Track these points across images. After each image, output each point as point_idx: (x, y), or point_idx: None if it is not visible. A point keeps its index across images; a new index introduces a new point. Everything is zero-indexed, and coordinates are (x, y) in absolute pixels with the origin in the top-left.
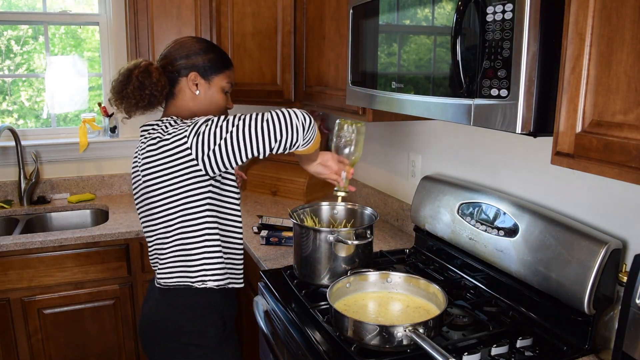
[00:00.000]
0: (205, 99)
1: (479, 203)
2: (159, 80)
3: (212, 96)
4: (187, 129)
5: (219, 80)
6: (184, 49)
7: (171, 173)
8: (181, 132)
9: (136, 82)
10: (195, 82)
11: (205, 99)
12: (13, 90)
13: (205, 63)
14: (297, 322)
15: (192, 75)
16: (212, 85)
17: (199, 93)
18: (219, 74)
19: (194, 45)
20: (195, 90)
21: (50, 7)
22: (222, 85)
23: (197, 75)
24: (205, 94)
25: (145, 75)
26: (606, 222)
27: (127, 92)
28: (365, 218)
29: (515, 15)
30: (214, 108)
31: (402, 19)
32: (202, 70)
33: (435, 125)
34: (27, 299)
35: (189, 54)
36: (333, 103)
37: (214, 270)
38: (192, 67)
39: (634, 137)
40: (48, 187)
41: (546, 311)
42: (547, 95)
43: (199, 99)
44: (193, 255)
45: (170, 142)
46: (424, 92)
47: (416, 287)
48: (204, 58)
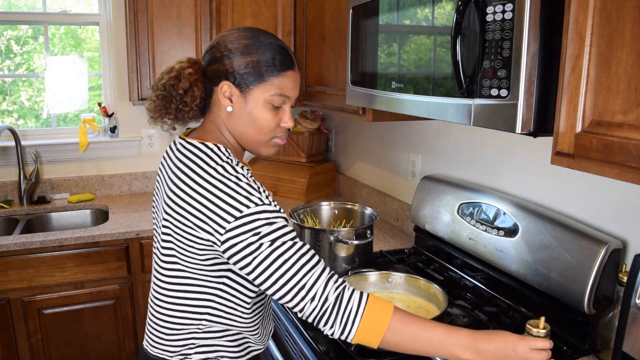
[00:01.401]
0: (242, 118)
1: (479, 203)
2: (187, 91)
3: (249, 114)
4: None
5: (261, 92)
6: (221, 47)
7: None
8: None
9: (161, 92)
10: (227, 94)
11: (242, 118)
12: (13, 90)
13: (241, 68)
14: (297, 322)
15: (223, 85)
16: (249, 98)
17: (232, 110)
18: (261, 82)
19: (235, 42)
20: (228, 104)
21: (50, 7)
22: (266, 98)
23: (231, 85)
24: (240, 111)
25: (174, 82)
26: (606, 222)
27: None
28: (365, 218)
29: (515, 15)
30: (255, 130)
31: (402, 19)
32: (237, 78)
33: (435, 125)
34: (27, 299)
35: (223, 54)
36: (333, 103)
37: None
38: (224, 74)
39: (634, 137)
40: (48, 187)
41: (546, 311)
42: (547, 95)
43: (233, 117)
44: (178, 323)
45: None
46: (424, 92)
47: (416, 287)
48: (241, 61)
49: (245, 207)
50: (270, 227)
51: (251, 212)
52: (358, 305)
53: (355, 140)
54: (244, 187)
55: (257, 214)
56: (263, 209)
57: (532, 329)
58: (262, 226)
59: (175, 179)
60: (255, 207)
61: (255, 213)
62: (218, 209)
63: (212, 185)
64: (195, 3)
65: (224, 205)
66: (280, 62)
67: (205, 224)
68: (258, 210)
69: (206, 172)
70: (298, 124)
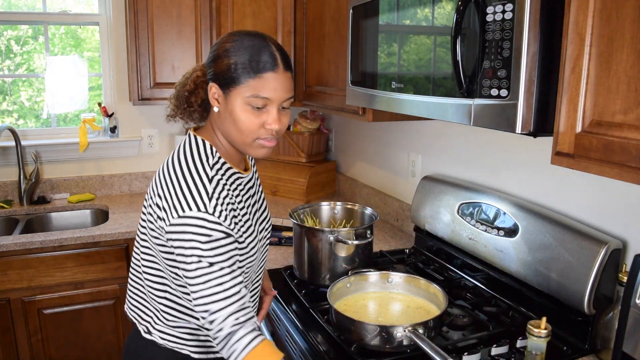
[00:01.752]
0: (225, 119)
1: (479, 203)
2: (193, 91)
3: (230, 115)
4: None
5: (238, 94)
6: (214, 49)
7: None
8: (166, 212)
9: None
10: (215, 95)
11: (226, 119)
12: (13, 90)
13: (222, 70)
14: (297, 322)
15: (211, 87)
16: (229, 100)
17: (218, 110)
18: (238, 84)
19: (222, 44)
20: (215, 105)
21: (50, 7)
22: (243, 99)
23: (217, 87)
24: (224, 112)
25: (185, 83)
26: (606, 222)
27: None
28: (365, 218)
29: (515, 15)
30: (238, 131)
31: (402, 19)
32: (220, 79)
33: (435, 125)
34: (27, 299)
35: (214, 57)
36: (333, 103)
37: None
38: (212, 76)
39: (634, 137)
40: (48, 187)
41: (546, 311)
42: (547, 95)
43: (220, 118)
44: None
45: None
46: (424, 92)
47: (416, 287)
48: (222, 63)
49: (188, 209)
50: (203, 238)
51: (191, 215)
52: (243, 348)
53: (355, 140)
54: (198, 188)
55: (195, 219)
56: (203, 217)
57: (533, 330)
58: (196, 234)
59: (164, 164)
60: (196, 211)
61: (194, 218)
62: (170, 201)
63: (177, 176)
64: (195, 3)
65: (174, 200)
66: (257, 63)
67: (161, 212)
68: (198, 216)
69: (179, 163)
70: (298, 124)
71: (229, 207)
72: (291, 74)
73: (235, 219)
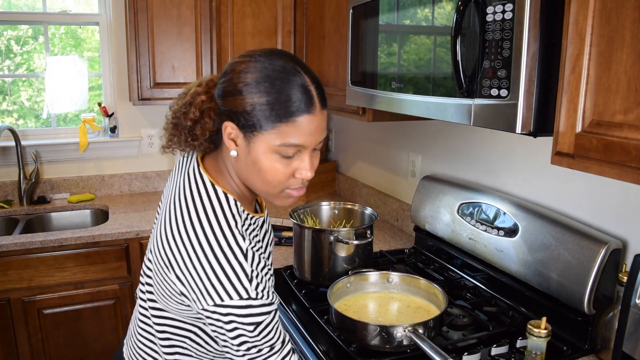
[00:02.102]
0: (247, 166)
1: (479, 203)
2: (198, 121)
3: (254, 163)
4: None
5: (265, 141)
6: (232, 76)
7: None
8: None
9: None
10: (231, 136)
11: (247, 166)
12: (13, 90)
13: (245, 109)
14: (297, 322)
15: (227, 127)
16: (252, 146)
17: (237, 155)
18: (265, 129)
19: (245, 73)
20: (233, 148)
21: (50, 7)
22: (271, 148)
23: (234, 127)
24: (245, 158)
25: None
26: (606, 222)
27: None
28: (365, 218)
29: (515, 15)
30: (262, 182)
31: (402, 19)
32: (241, 120)
33: (435, 125)
34: (27, 299)
35: (230, 87)
36: (333, 103)
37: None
38: (228, 113)
39: (634, 137)
40: (48, 187)
41: (546, 311)
42: (547, 95)
43: (239, 163)
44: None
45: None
46: (424, 92)
47: (416, 287)
48: (246, 101)
49: (228, 297)
50: (250, 327)
51: (232, 304)
52: None
53: (355, 140)
54: (234, 268)
55: (238, 309)
56: (248, 304)
57: (533, 330)
58: (241, 324)
59: (176, 214)
60: (238, 300)
61: (237, 307)
62: (201, 285)
63: (204, 252)
64: (195, 3)
65: (207, 284)
66: (288, 104)
67: (185, 290)
68: (241, 304)
69: (203, 230)
70: None
71: (265, 274)
72: (327, 110)
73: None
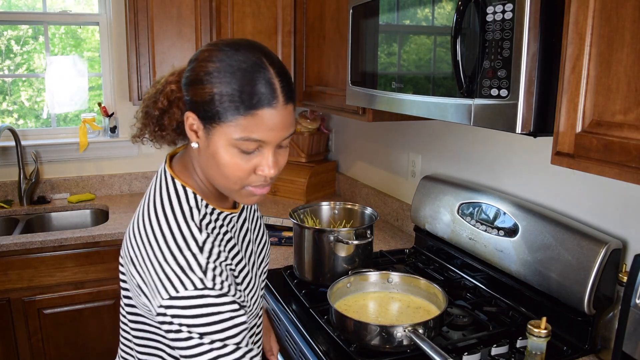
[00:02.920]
0: (206, 159)
1: (479, 203)
2: (167, 110)
3: (212, 157)
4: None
5: (223, 134)
6: (195, 65)
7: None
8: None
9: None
10: (193, 127)
11: (207, 159)
12: (13, 90)
13: (204, 99)
14: (297, 322)
15: (188, 117)
16: (211, 138)
17: (197, 147)
18: (223, 121)
19: (205, 62)
20: (194, 139)
21: (50, 7)
22: (230, 140)
23: (196, 118)
24: (205, 151)
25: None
26: (606, 222)
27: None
28: (365, 218)
29: (515, 15)
30: (222, 177)
31: (402, 19)
32: (200, 110)
33: (435, 125)
34: (27, 299)
35: (191, 77)
36: (333, 103)
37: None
38: (189, 103)
39: (634, 137)
40: (48, 187)
41: (546, 311)
42: (547, 95)
43: (200, 155)
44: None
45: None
46: (424, 92)
47: (416, 287)
48: (207, 90)
49: (182, 288)
50: (205, 319)
51: (187, 295)
52: None
53: (355, 140)
54: (187, 259)
55: (193, 299)
56: (203, 294)
57: (533, 330)
58: (194, 316)
59: (139, 210)
60: (193, 289)
61: (191, 298)
62: (155, 277)
63: (158, 244)
64: (195, 3)
65: (161, 276)
66: (250, 96)
67: (143, 284)
68: (196, 294)
69: (159, 224)
70: (298, 124)
71: (227, 268)
72: (293, 106)
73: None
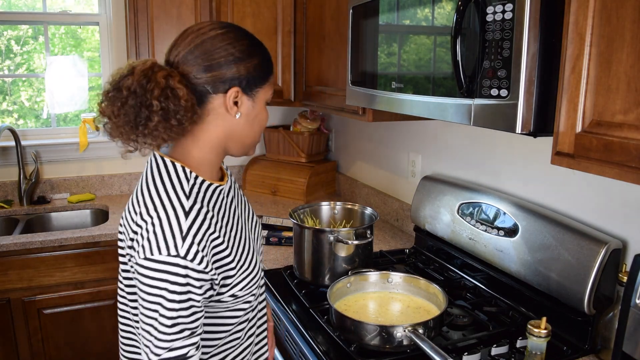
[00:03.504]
0: (247, 123)
1: (479, 203)
2: (187, 101)
3: (256, 116)
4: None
5: (265, 93)
6: (214, 53)
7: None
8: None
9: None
10: (235, 99)
11: (248, 123)
12: (13, 90)
13: (250, 70)
14: (297, 322)
15: (232, 92)
16: (257, 101)
17: (240, 115)
18: (265, 83)
19: (228, 46)
20: (235, 112)
21: (50, 7)
22: (267, 98)
23: (239, 91)
24: (247, 116)
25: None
26: (606, 222)
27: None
28: (365, 218)
29: (515, 15)
30: (258, 133)
31: (402, 19)
32: (245, 82)
33: (435, 125)
34: (27, 299)
35: (225, 60)
36: (333, 103)
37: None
38: (232, 80)
39: (634, 137)
40: (48, 187)
41: (546, 311)
42: (547, 95)
43: (237, 125)
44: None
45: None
46: (424, 92)
47: (416, 287)
48: (249, 63)
49: (157, 251)
50: (172, 288)
51: (160, 259)
52: None
53: (355, 140)
54: (171, 224)
55: (164, 265)
56: (176, 262)
57: (533, 330)
58: (161, 280)
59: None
60: (166, 255)
61: (163, 263)
62: (140, 238)
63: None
64: (195, 3)
65: (144, 237)
66: (270, 60)
67: (133, 245)
68: (168, 261)
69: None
70: (298, 124)
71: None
72: None
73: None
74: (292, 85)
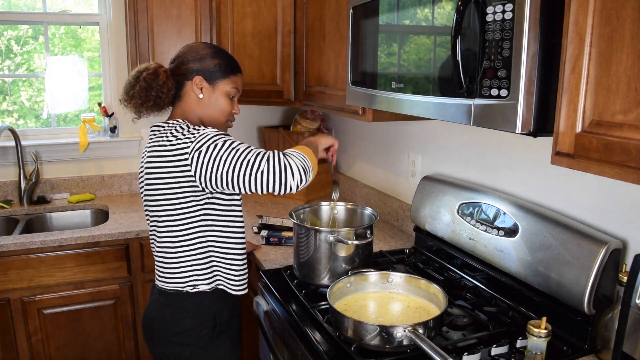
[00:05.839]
0: (209, 103)
1: (479, 203)
2: (165, 83)
3: (216, 100)
4: (190, 142)
5: (224, 85)
6: (192, 53)
7: (170, 180)
8: (185, 144)
9: (143, 83)
10: (199, 85)
11: (210, 103)
12: (13, 90)
13: (211, 67)
14: (297, 322)
15: (196, 79)
16: (216, 89)
17: (203, 97)
18: (224, 78)
19: (202, 50)
20: (199, 93)
21: (50, 7)
22: (226, 90)
23: (202, 79)
24: (209, 98)
25: (153, 77)
26: (606, 222)
27: (134, 92)
28: (365, 218)
29: (515, 15)
30: (219, 113)
31: (402, 19)
32: (207, 74)
33: (435, 125)
34: (27, 299)
35: (196, 58)
36: (333, 103)
37: (204, 277)
38: (197, 71)
39: (634, 137)
40: (48, 187)
41: (546, 311)
42: (547, 95)
43: (203, 103)
44: (180, 262)
45: (173, 151)
46: (424, 92)
47: (416, 287)
48: (210, 62)
49: (193, 137)
50: (217, 137)
51: (199, 134)
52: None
53: (355, 140)
54: (192, 132)
55: (204, 135)
56: (206, 132)
57: (533, 330)
58: (212, 137)
59: (152, 146)
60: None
61: (203, 135)
62: (178, 148)
63: (175, 142)
64: (195, 3)
65: (188, 134)
66: (234, 65)
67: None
68: (203, 133)
69: (171, 134)
70: (298, 124)
71: None
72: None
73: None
74: (292, 85)
